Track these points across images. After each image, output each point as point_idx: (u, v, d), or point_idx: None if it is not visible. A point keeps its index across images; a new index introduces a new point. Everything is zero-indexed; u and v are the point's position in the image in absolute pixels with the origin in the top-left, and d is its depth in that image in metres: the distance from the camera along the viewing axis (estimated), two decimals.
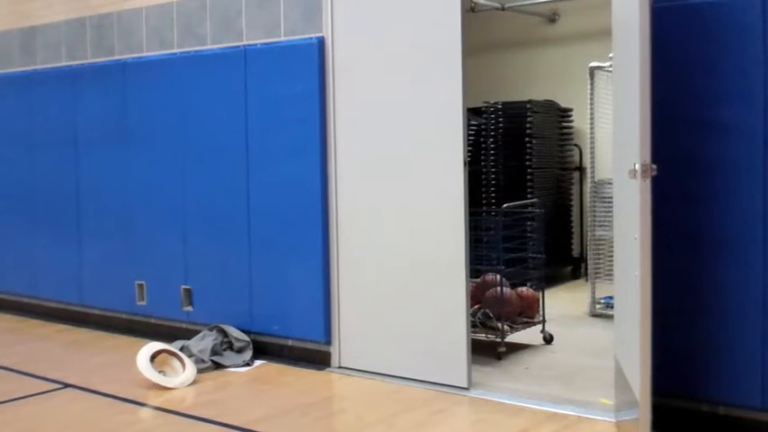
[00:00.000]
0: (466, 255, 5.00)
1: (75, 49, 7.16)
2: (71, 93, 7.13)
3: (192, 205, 6.29)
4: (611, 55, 4.92)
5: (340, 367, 5.60)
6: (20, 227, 7.65)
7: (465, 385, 5.01)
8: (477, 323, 5.73)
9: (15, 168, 7.67)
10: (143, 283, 6.63)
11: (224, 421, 4.64)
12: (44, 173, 7.41)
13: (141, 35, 6.67)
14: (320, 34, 5.60)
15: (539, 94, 8.75)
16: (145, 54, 6.64)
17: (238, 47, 6.01)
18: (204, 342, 5.81)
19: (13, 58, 7.71)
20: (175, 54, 6.41)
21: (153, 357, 5.42)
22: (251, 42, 5.96)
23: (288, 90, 5.72)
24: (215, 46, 6.19)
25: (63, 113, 7.20)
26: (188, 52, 6.33)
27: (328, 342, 5.65)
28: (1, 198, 7.81)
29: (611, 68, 5.01)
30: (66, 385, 5.45)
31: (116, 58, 6.83)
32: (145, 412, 4.99)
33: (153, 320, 6.63)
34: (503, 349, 5.70)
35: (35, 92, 7.47)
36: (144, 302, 6.65)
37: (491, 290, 5.95)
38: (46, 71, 7.39)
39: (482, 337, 5.74)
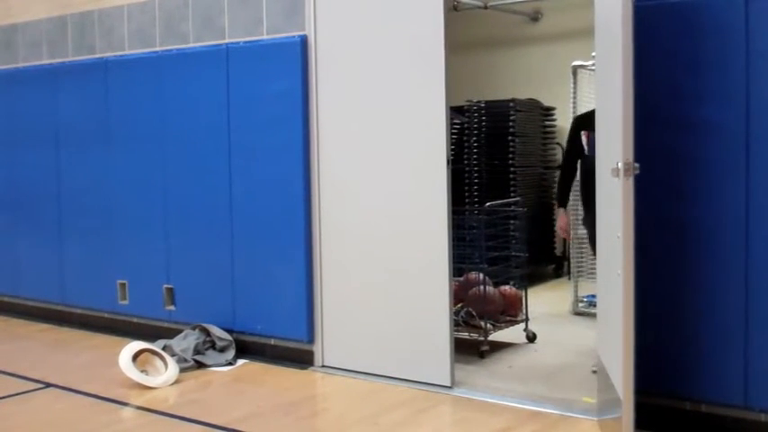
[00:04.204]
0: (449, 253, 5.00)
1: (56, 48, 7.11)
2: (52, 91, 7.08)
3: (175, 204, 6.27)
4: (593, 54, 4.93)
5: (323, 366, 5.59)
6: (1, 226, 7.59)
7: (448, 384, 5.01)
8: (459, 322, 5.74)
9: None
10: (125, 282, 6.60)
11: (206, 421, 4.62)
12: (25, 171, 7.35)
13: (123, 33, 6.63)
14: (303, 32, 5.59)
15: (521, 92, 8.77)
16: (127, 52, 6.60)
17: (220, 45, 5.99)
18: (186, 341, 5.79)
19: None
20: (157, 52, 6.37)
21: (135, 357, 5.39)
22: (233, 40, 5.93)
23: (270, 88, 5.70)
24: (197, 44, 6.16)
25: (44, 112, 7.15)
26: (170, 50, 6.30)
27: (311, 341, 5.64)
28: None
29: (593, 67, 5.03)
30: (48, 385, 5.41)
31: (98, 56, 6.79)
32: (127, 412, 4.97)
33: (135, 320, 6.60)
34: (486, 348, 5.70)
35: (16, 90, 7.41)
36: (126, 302, 6.61)
37: (474, 288, 5.96)
38: (27, 69, 7.34)
39: (465, 335, 5.74)
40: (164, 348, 5.68)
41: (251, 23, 5.85)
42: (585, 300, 7.01)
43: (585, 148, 5.23)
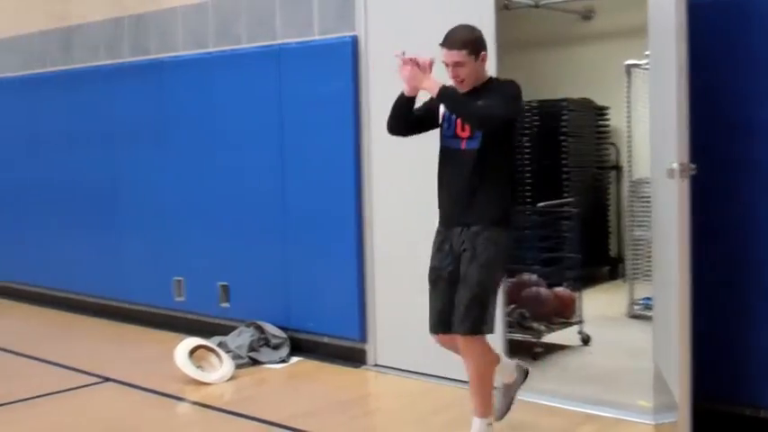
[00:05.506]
0: None
1: (112, 49, 7.23)
2: (109, 92, 7.21)
3: (229, 202, 6.34)
4: (647, 53, 4.87)
5: (375, 365, 5.61)
6: (61, 224, 7.75)
7: (500, 386, 4.98)
8: (512, 323, 5.70)
9: (55, 167, 7.77)
10: (181, 279, 6.69)
11: (261, 417, 4.67)
12: (83, 171, 7.49)
13: (177, 34, 6.72)
14: (354, 33, 5.61)
15: (574, 92, 8.69)
16: (181, 53, 6.69)
17: (272, 46, 6.04)
18: (241, 338, 5.85)
19: (52, 57, 7.80)
20: (211, 53, 6.45)
21: (191, 353, 5.46)
22: (285, 41, 5.98)
23: (322, 88, 5.73)
24: (249, 45, 6.22)
25: (101, 112, 7.28)
26: (223, 51, 6.38)
27: (363, 340, 5.66)
28: (42, 196, 7.92)
29: (647, 66, 4.96)
30: (107, 379, 5.52)
31: (153, 57, 6.89)
32: (183, 407, 5.05)
33: (191, 316, 6.68)
34: (539, 350, 5.67)
35: (74, 91, 7.56)
36: (182, 298, 6.71)
37: (527, 290, 5.93)
38: (84, 70, 7.47)
39: (518, 337, 5.71)
40: (219, 345, 5.74)
41: (303, 24, 5.89)
42: (641, 302, 6.91)
43: (440, 118, 4.03)
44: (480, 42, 3.88)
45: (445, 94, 3.77)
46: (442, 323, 3.94)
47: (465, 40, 3.84)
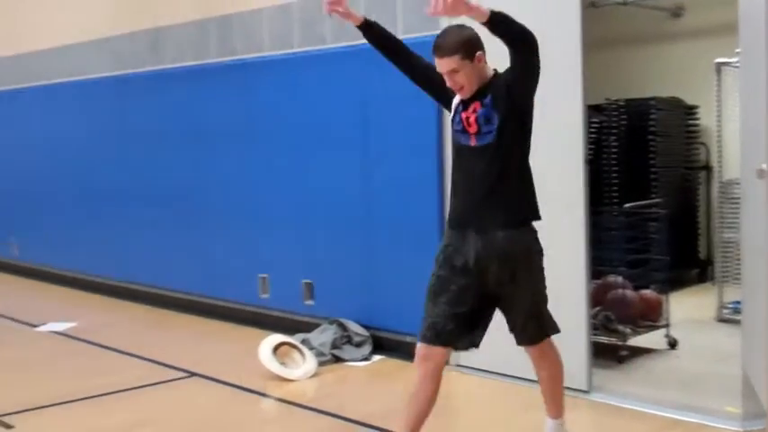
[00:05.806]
0: (587, 255, 4.92)
1: (199, 50, 7.39)
2: (196, 92, 7.37)
3: (314, 201, 6.41)
4: (738, 50, 4.74)
5: (458, 365, 5.60)
6: (150, 222, 7.95)
7: (585, 388, 4.93)
8: (597, 326, 5.63)
9: (144, 166, 7.98)
10: (266, 276, 6.80)
11: (343, 414, 4.72)
12: (171, 170, 7.68)
13: (262, 35, 6.82)
14: (436, 32, 5.59)
15: (663, 90, 8.52)
16: (266, 54, 6.79)
17: (356, 46, 6.07)
18: (324, 335, 5.92)
19: (141, 58, 8.01)
20: (295, 53, 6.54)
21: (275, 349, 5.55)
22: None
23: (405, 88, 5.71)
24: (334, 45, 6.28)
25: (188, 112, 7.45)
26: (308, 51, 6.45)
27: None
28: (131, 195, 8.14)
29: (738, 64, 4.84)
30: (193, 374, 5.64)
31: (238, 57, 7.01)
32: (266, 403, 5.13)
33: (275, 313, 6.77)
34: (624, 353, 5.58)
35: (162, 91, 7.75)
36: (267, 295, 6.81)
37: (613, 292, 5.84)
38: (172, 71, 7.65)
39: (603, 340, 5.62)
40: (302, 342, 5.81)
41: (387, 23, 5.80)
42: (731, 306, 6.73)
43: (452, 109, 3.75)
44: (473, 42, 3.55)
45: (496, 17, 3.45)
46: (437, 336, 3.77)
47: (455, 44, 3.53)
